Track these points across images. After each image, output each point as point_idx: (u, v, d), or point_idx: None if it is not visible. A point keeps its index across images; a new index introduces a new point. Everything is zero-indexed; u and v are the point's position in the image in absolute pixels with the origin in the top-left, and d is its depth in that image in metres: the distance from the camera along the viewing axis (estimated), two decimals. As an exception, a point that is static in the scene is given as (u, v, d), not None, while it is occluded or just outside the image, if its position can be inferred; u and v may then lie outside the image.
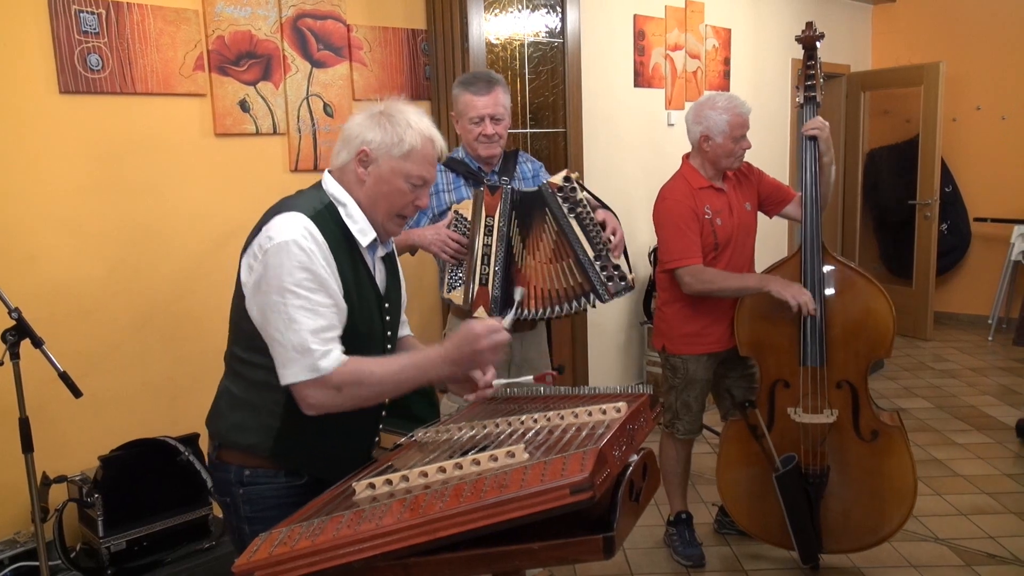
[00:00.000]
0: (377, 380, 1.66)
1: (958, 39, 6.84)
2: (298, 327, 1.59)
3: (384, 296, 1.84)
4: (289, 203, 1.72)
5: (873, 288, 2.89)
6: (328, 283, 1.64)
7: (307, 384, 1.61)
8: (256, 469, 1.74)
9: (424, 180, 1.76)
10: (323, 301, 1.63)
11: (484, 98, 2.70)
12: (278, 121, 3.36)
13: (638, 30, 4.95)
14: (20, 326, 2.35)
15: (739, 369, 3.20)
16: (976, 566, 3.15)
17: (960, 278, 7.09)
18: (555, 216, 2.58)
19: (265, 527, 1.46)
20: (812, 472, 2.95)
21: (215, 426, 1.81)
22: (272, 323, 1.62)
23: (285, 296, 1.60)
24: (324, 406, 1.64)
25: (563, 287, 2.60)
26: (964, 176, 6.93)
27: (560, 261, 2.59)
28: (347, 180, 1.76)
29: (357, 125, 1.74)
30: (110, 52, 2.89)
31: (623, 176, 4.90)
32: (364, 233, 1.75)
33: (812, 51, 3.00)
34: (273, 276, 1.61)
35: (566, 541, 1.30)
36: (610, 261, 2.57)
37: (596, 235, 2.58)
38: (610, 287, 2.57)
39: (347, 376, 1.62)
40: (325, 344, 1.61)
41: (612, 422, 1.55)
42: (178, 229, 3.12)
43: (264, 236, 1.65)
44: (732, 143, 2.98)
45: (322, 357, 1.60)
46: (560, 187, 2.60)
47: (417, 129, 1.72)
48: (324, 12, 3.46)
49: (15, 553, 2.62)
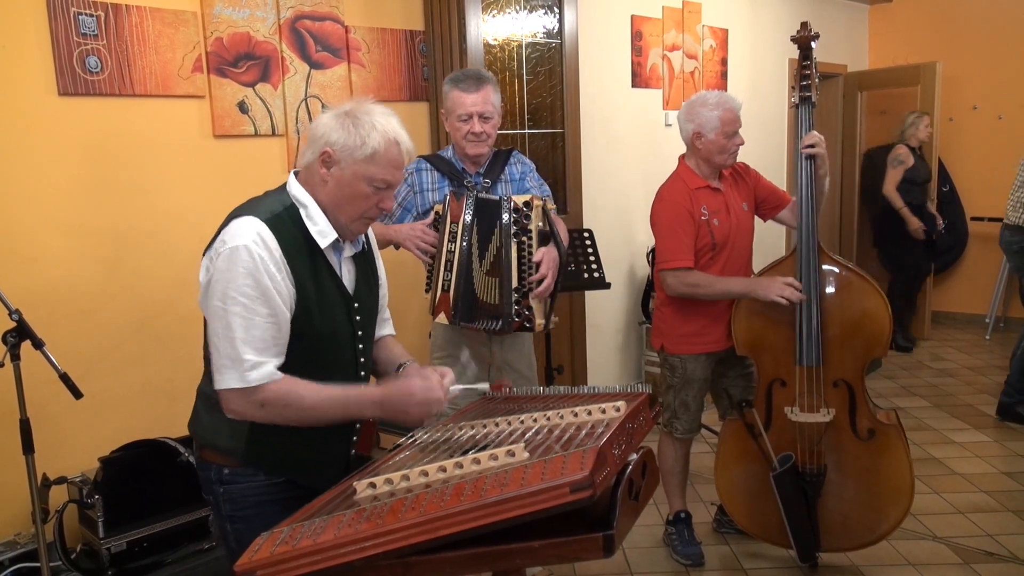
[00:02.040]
0: (304, 406, 1.65)
1: (955, 39, 6.85)
2: (232, 335, 1.59)
3: (353, 296, 1.82)
4: (250, 206, 1.71)
5: (869, 287, 2.90)
6: (270, 294, 1.62)
7: (233, 392, 1.62)
8: (235, 468, 1.74)
9: (387, 183, 1.73)
10: (261, 311, 1.61)
11: (473, 95, 2.70)
12: (277, 122, 3.36)
13: (635, 30, 4.96)
14: (21, 327, 2.35)
15: (737, 369, 3.21)
16: (974, 564, 3.16)
17: (957, 277, 7.11)
18: (502, 232, 2.58)
19: (246, 525, 1.47)
20: (809, 471, 2.96)
21: (194, 427, 1.83)
22: (212, 327, 1.63)
23: (226, 302, 1.60)
24: (244, 416, 1.65)
25: (488, 303, 2.61)
26: (961, 175, 6.94)
27: (494, 277, 2.60)
28: (311, 180, 1.74)
29: (323, 125, 1.71)
30: (109, 54, 2.89)
31: (621, 176, 4.91)
32: (324, 235, 1.73)
33: (807, 51, 3.01)
34: (218, 280, 1.61)
35: (566, 539, 1.31)
36: (525, 300, 2.59)
37: (527, 270, 2.59)
38: (515, 323, 2.60)
39: (273, 395, 1.62)
40: (258, 355, 1.61)
41: (611, 421, 1.56)
42: (177, 230, 3.12)
43: (220, 239, 1.65)
44: (724, 139, 2.99)
45: (252, 368, 1.60)
46: (517, 208, 2.60)
47: (382, 131, 1.69)
48: (322, 13, 3.47)
49: (15, 554, 2.62)
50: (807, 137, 2.94)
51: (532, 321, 2.61)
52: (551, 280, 2.61)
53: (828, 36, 6.67)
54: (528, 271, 2.58)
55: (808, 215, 2.93)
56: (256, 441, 1.71)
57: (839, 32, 6.97)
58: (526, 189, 2.87)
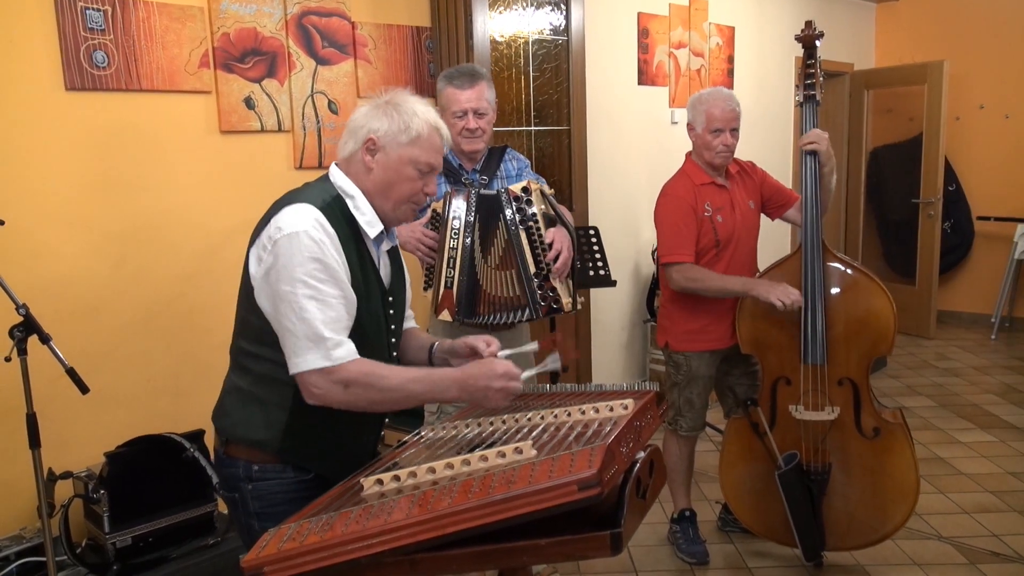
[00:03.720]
0: (388, 386, 1.65)
1: (961, 37, 6.83)
2: (310, 316, 1.59)
3: (388, 290, 1.84)
4: (297, 195, 1.72)
5: (874, 286, 2.89)
6: (338, 274, 1.64)
7: (316, 373, 1.60)
8: (264, 465, 1.74)
9: (431, 167, 1.76)
10: (333, 292, 1.62)
11: (467, 92, 2.70)
12: (283, 118, 3.36)
13: (642, 28, 4.95)
14: (27, 322, 2.35)
15: (742, 367, 3.20)
16: (980, 564, 3.16)
17: (963, 277, 7.09)
18: (507, 225, 2.58)
19: (275, 522, 1.46)
20: (814, 469, 2.96)
21: (222, 422, 1.81)
22: (283, 312, 1.62)
23: (295, 286, 1.60)
24: (326, 399, 1.63)
25: (506, 296, 2.61)
26: (967, 175, 6.92)
27: (506, 270, 2.60)
28: (354, 171, 1.76)
29: (363, 115, 1.75)
30: (116, 49, 2.89)
31: (626, 174, 4.90)
32: (372, 225, 1.75)
33: (812, 50, 3.01)
34: (283, 266, 1.61)
35: (573, 537, 1.30)
36: (548, 282, 2.59)
37: (541, 253, 2.59)
38: (543, 307, 2.59)
39: (357, 374, 1.62)
40: (337, 334, 1.61)
41: (619, 419, 1.56)
42: (183, 226, 3.13)
43: (274, 227, 1.65)
44: (709, 136, 3.00)
45: (335, 347, 1.60)
46: (516, 196, 2.60)
47: (423, 117, 1.74)
48: (329, 9, 3.47)
49: (21, 548, 2.63)
50: (808, 135, 2.94)
51: (560, 301, 2.60)
52: (568, 254, 2.61)
53: (834, 34, 6.67)
54: (543, 254, 2.59)
55: (812, 213, 2.92)
56: (292, 432, 1.71)
57: (846, 30, 6.95)
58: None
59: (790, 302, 2.81)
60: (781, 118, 6.22)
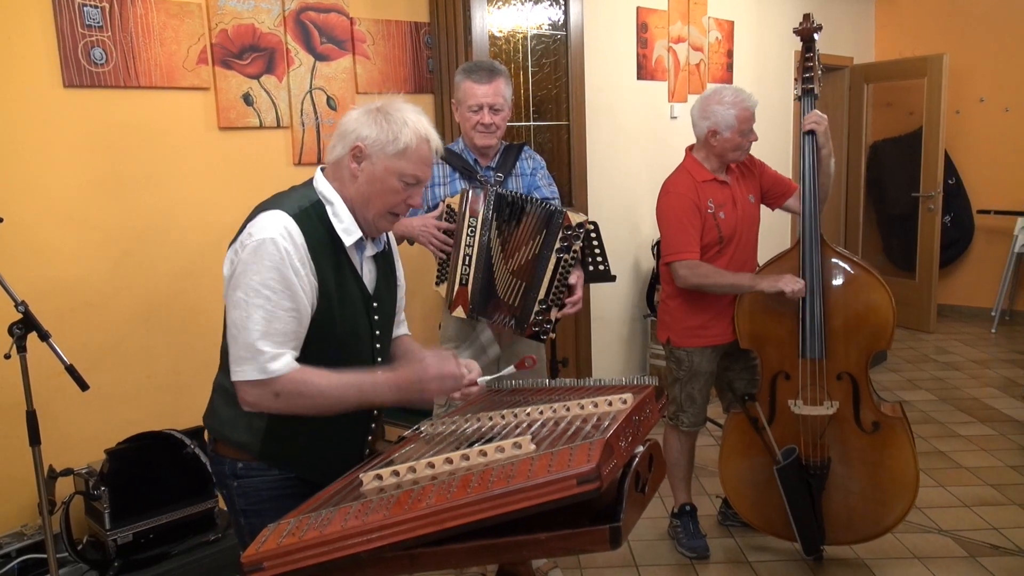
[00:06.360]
0: (318, 393, 1.64)
1: (961, 31, 6.81)
2: (252, 326, 1.60)
3: (373, 296, 1.82)
4: (277, 201, 1.71)
5: (873, 280, 2.89)
6: (295, 288, 1.62)
7: (249, 383, 1.62)
8: (248, 463, 1.75)
9: (418, 179, 1.74)
10: (286, 304, 1.62)
11: (485, 86, 2.70)
12: (281, 114, 3.36)
13: (641, 22, 4.94)
14: (27, 319, 2.35)
15: (742, 362, 3.21)
16: (980, 557, 3.16)
17: (963, 270, 7.08)
18: (544, 243, 2.59)
19: (260, 519, 1.47)
20: (813, 464, 2.96)
21: (210, 420, 1.83)
22: (232, 318, 1.63)
23: (250, 295, 1.60)
24: (259, 407, 1.65)
25: (507, 301, 2.62)
26: (967, 168, 6.91)
27: (520, 279, 2.61)
28: (340, 175, 1.74)
29: (353, 120, 1.72)
30: (114, 46, 2.89)
31: (626, 169, 4.89)
32: (348, 232, 1.73)
33: (810, 43, 3.00)
34: (242, 272, 1.61)
35: (573, 532, 1.30)
36: (547, 313, 2.61)
37: (559, 288, 2.61)
38: (529, 329, 2.63)
39: (289, 384, 1.62)
40: (277, 347, 1.61)
41: (618, 413, 1.56)
42: (182, 222, 3.13)
43: (246, 232, 1.65)
44: (740, 137, 2.99)
45: (271, 360, 1.60)
46: (568, 226, 2.61)
47: (413, 127, 1.70)
48: (327, 5, 3.46)
49: (22, 545, 2.64)
50: (809, 115, 2.95)
51: (546, 333, 2.65)
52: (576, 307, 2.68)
53: (834, 28, 6.65)
54: (560, 287, 2.61)
55: (811, 197, 2.92)
56: (273, 437, 1.72)
57: (845, 24, 6.93)
58: (536, 185, 2.88)
59: (797, 288, 2.82)
60: (781, 112, 6.20)
